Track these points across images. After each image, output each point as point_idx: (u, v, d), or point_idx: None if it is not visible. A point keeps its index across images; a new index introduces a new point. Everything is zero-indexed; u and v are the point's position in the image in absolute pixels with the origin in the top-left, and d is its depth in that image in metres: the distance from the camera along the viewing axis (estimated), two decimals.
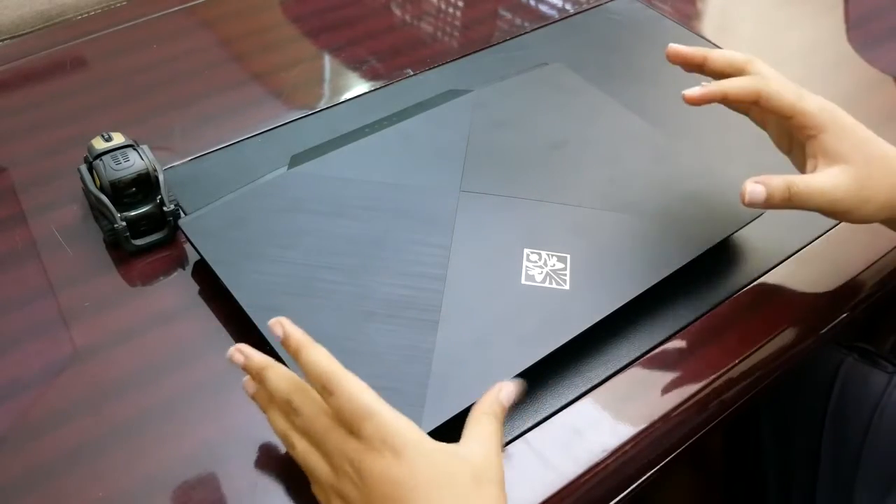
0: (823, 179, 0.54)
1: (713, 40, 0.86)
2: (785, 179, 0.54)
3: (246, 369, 0.48)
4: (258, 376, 0.47)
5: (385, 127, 0.68)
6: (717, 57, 0.58)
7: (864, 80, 0.82)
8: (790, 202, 0.54)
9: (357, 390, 0.43)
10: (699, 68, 0.60)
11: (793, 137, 0.58)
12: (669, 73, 0.82)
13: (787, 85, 0.56)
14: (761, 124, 0.61)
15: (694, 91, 0.57)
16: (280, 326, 0.46)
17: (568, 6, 0.91)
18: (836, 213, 0.55)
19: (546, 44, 0.82)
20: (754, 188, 0.54)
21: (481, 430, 0.44)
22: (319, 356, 0.44)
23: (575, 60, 0.80)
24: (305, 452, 0.45)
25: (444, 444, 0.43)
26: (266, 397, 0.47)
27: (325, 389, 0.43)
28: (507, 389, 0.46)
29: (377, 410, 0.42)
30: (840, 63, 0.85)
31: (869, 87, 0.81)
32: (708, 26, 0.89)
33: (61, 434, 0.51)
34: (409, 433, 0.42)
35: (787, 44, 0.87)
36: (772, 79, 0.56)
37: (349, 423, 0.43)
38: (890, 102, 0.80)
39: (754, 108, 0.59)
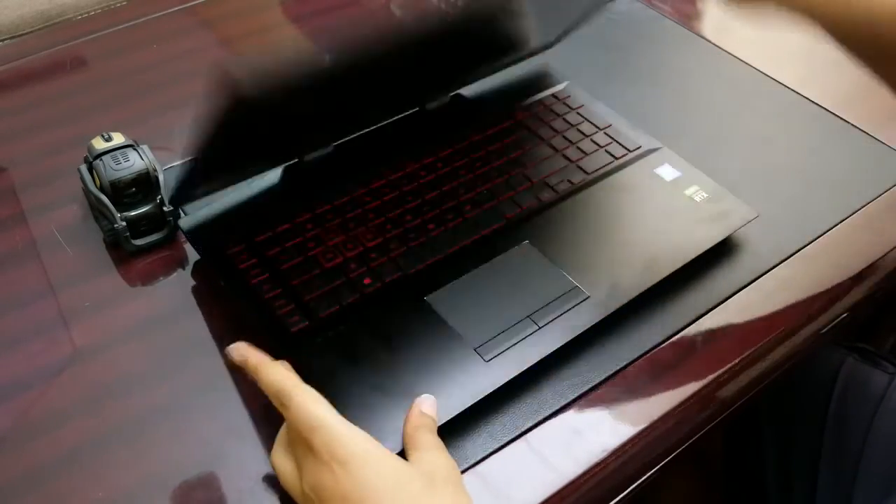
0: None
1: (713, 40, 0.86)
2: None
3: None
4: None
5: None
6: None
7: (864, 80, 0.82)
8: None
9: (308, 402, 0.44)
10: None
11: None
12: (669, 73, 0.82)
13: None
14: None
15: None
16: (236, 351, 0.48)
17: None
18: None
19: None
20: None
21: (422, 441, 0.45)
22: (275, 373, 0.45)
23: (575, 60, 0.80)
24: (280, 461, 0.46)
25: (393, 454, 0.44)
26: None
27: (281, 404, 0.45)
28: (429, 402, 0.48)
29: (326, 423, 0.43)
30: (840, 63, 0.84)
31: (869, 87, 0.81)
32: (708, 26, 0.89)
33: (61, 434, 0.51)
34: (355, 444, 0.43)
35: (787, 44, 0.87)
36: None
37: (304, 438, 0.43)
38: (890, 102, 0.79)
39: None
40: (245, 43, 0.85)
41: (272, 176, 0.64)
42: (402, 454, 0.46)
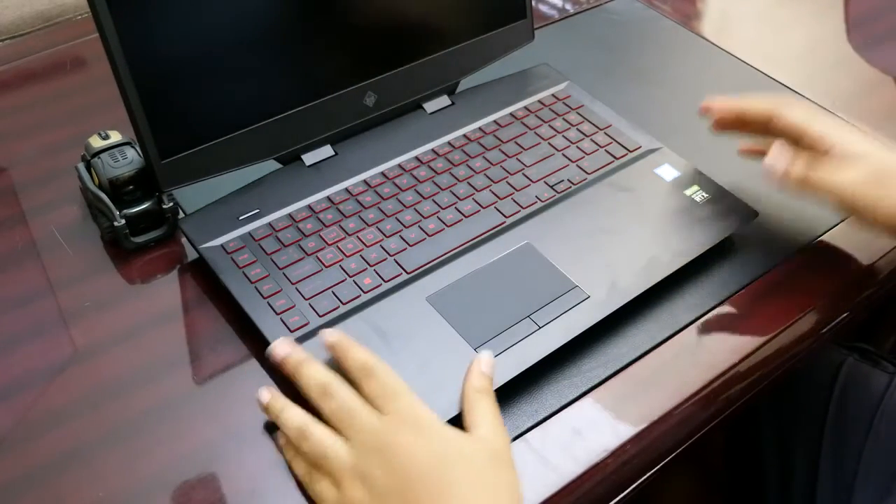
0: (842, 169, 0.54)
1: (713, 40, 0.86)
2: (805, 158, 0.55)
3: (283, 365, 0.50)
4: (294, 371, 0.49)
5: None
6: (751, 109, 0.60)
7: (864, 80, 0.82)
8: (806, 183, 0.55)
9: (392, 375, 0.48)
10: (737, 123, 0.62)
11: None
12: (669, 73, 0.82)
13: (803, 108, 0.57)
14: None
15: (714, 101, 0.60)
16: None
17: (568, 6, 0.91)
18: (852, 207, 0.55)
19: (546, 44, 0.82)
20: (778, 156, 0.55)
21: (483, 410, 0.48)
22: (361, 351, 0.49)
23: (575, 60, 0.80)
24: (324, 437, 0.47)
25: (459, 429, 0.47)
26: (279, 404, 0.49)
27: (365, 373, 0.48)
28: (486, 360, 0.51)
29: (407, 392, 0.47)
30: (840, 63, 0.85)
31: (869, 87, 0.81)
32: (708, 26, 0.89)
33: (61, 434, 0.51)
34: (431, 416, 0.47)
35: (787, 44, 0.87)
36: (787, 105, 0.57)
37: (381, 403, 0.47)
38: (890, 102, 0.80)
39: (771, 134, 0.60)
40: None
41: (272, 175, 0.64)
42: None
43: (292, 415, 0.48)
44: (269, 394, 0.50)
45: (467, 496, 0.44)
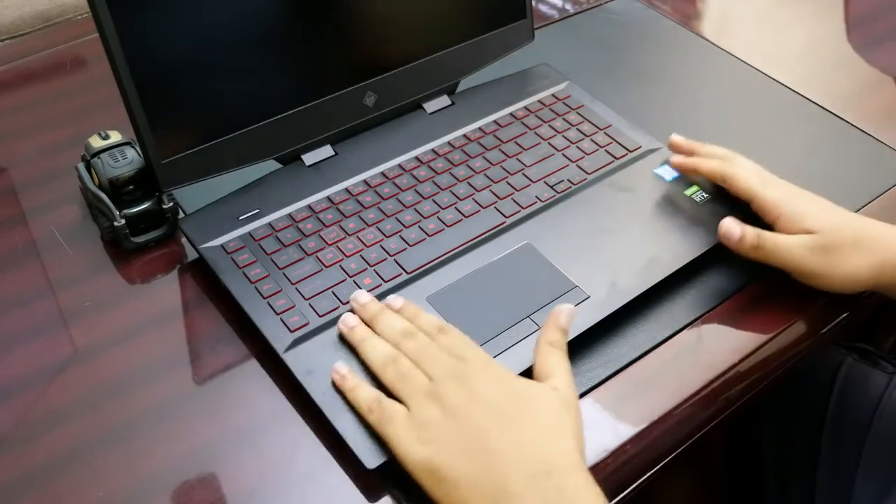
0: (790, 239, 0.57)
1: (713, 40, 0.86)
2: (757, 230, 0.58)
3: (364, 309, 0.53)
4: (374, 317, 0.53)
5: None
6: (704, 167, 0.63)
7: (864, 80, 0.82)
8: (758, 251, 0.57)
9: (464, 335, 0.51)
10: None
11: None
12: (669, 73, 0.82)
13: (755, 172, 0.61)
14: None
15: (676, 158, 0.65)
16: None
17: (568, 6, 0.91)
18: (804, 275, 0.57)
19: (546, 44, 0.82)
20: (731, 226, 0.58)
21: (556, 362, 0.50)
22: (432, 316, 0.53)
23: (575, 60, 0.80)
24: (407, 368, 0.49)
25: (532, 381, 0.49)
26: (364, 332, 0.52)
27: (440, 329, 0.51)
28: (566, 313, 0.52)
29: (480, 348, 0.50)
30: (840, 63, 0.85)
31: (869, 87, 0.81)
32: (708, 26, 0.89)
33: (61, 434, 0.51)
34: (506, 368, 0.49)
35: (787, 44, 0.87)
36: (741, 167, 0.61)
37: (460, 352, 0.49)
38: (890, 102, 0.80)
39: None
40: None
41: (272, 175, 0.64)
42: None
43: (379, 343, 0.51)
44: (356, 320, 0.53)
45: (537, 431, 0.46)
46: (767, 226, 0.59)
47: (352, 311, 0.54)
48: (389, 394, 0.49)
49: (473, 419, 0.46)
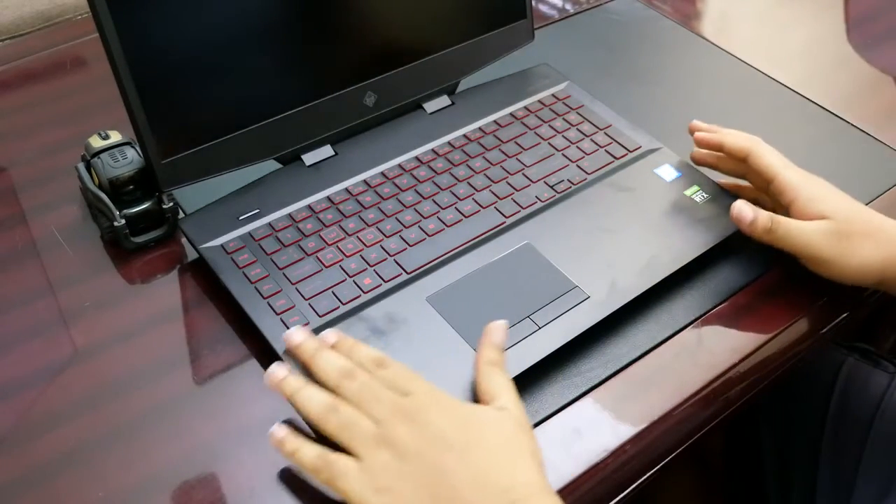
0: (804, 224, 0.57)
1: (713, 40, 0.86)
2: (771, 214, 0.58)
3: (299, 350, 0.49)
4: (312, 357, 0.49)
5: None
6: (729, 140, 0.63)
7: (864, 80, 0.82)
8: (771, 235, 0.57)
9: (403, 365, 0.49)
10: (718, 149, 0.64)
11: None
12: (669, 72, 0.82)
13: (777, 154, 0.60)
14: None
15: (700, 133, 0.64)
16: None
17: (568, 6, 0.91)
18: (816, 260, 0.57)
19: (546, 44, 0.82)
20: (743, 209, 0.58)
21: (498, 382, 0.49)
22: (369, 348, 0.50)
23: (575, 60, 0.80)
24: (349, 415, 0.46)
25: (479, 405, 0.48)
26: (296, 383, 0.48)
27: (379, 363, 0.48)
28: (500, 329, 0.51)
29: (421, 378, 0.48)
30: (840, 63, 0.85)
31: (869, 87, 0.81)
32: (708, 26, 0.89)
33: (61, 434, 0.51)
34: (450, 396, 0.47)
35: (787, 44, 0.87)
36: (765, 146, 0.61)
37: (400, 387, 0.47)
38: (890, 102, 0.80)
39: (745, 172, 0.63)
40: None
41: (272, 175, 0.64)
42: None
43: (314, 392, 0.47)
44: (286, 370, 0.49)
45: (495, 458, 0.44)
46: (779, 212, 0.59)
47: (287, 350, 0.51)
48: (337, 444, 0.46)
49: (428, 458, 0.44)
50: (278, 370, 0.48)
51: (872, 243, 0.56)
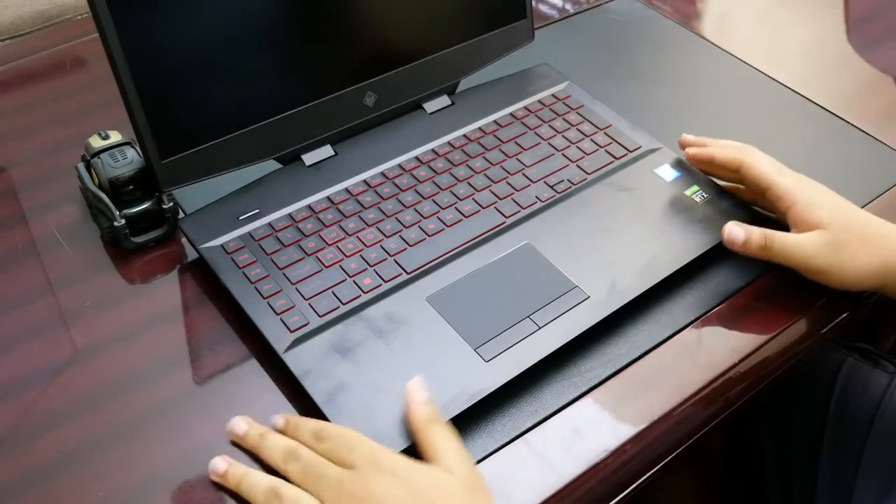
0: (800, 237, 0.57)
1: (713, 40, 0.86)
2: (764, 230, 0.57)
3: (244, 441, 0.49)
4: (257, 443, 0.49)
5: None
6: (720, 154, 0.63)
7: (864, 80, 0.82)
8: (766, 252, 0.57)
9: (343, 429, 0.48)
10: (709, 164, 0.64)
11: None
12: (669, 73, 0.82)
13: (770, 161, 0.60)
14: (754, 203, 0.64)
15: (690, 150, 0.64)
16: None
17: (568, 6, 0.91)
18: (813, 272, 0.57)
19: (546, 44, 0.82)
20: (734, 230, 0.58)
21: (441, 440, 0.47)
22: (307, 419, 0.49)
23: (575, 60, 0.80)
24: (298, 493, 0.45)
25: (426, 464, 0.46)
26: (238, 472, 0.48)
27: (317, 437, 0.47)
28: (418, 385, 0.49)
29: (362, 440, 0.47)
30: (840, 63, 0.85)
31: (869, 87, 0.81)
32: (708, 26, 0.89)
33: (61, 434, 0.51)
34: (397, 456, 0.46)
35: (787, 44, 0.87)
36: (757, 155, 0.61)
37: (343, 458, 0.46)
38: (890, 102, 0.80)
39: (740, 180, 0.62)
40: None
41: (272, 175, 0.64)
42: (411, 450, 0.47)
43: (259, 478, 0.47)
44: (227, 461, 0.48)
45: None
46: (774, 221, 0.58)
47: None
48: None
49: None
50: (219, 464, 0.48)
51: (869, 249, 0.56)
